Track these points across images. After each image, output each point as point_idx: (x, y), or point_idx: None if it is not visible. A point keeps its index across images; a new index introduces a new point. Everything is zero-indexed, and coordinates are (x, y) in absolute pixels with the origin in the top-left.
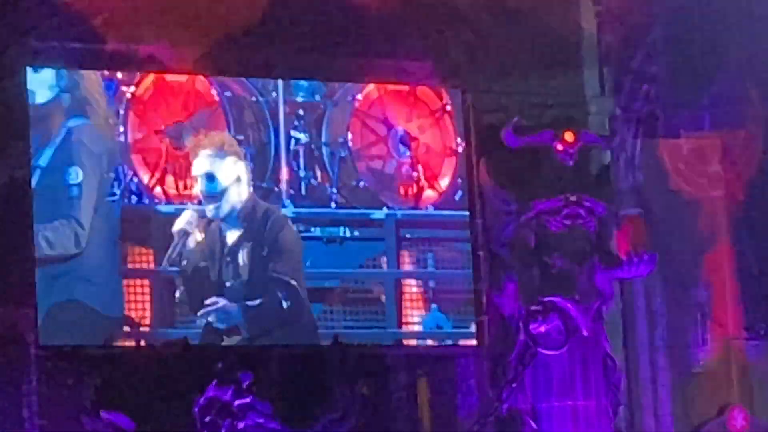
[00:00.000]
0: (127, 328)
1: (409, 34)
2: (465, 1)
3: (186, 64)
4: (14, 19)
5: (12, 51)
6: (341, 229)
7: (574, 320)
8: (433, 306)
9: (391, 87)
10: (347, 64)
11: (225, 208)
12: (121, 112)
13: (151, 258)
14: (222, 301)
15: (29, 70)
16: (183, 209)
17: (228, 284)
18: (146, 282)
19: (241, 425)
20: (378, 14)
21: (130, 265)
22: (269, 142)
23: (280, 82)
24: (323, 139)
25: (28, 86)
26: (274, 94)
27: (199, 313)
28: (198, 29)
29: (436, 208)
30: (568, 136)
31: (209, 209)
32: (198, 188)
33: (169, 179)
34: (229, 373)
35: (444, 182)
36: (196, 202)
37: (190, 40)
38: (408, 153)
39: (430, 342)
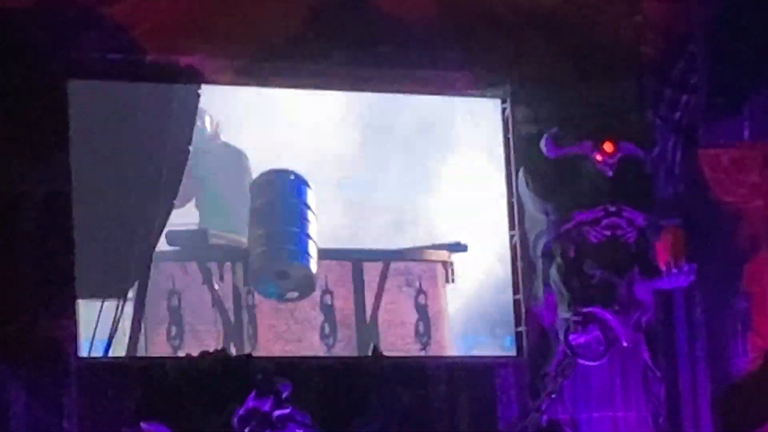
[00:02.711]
0: None
1: (448, 44)
2: (505, 12)
3: (226, 75)
4: (54, 31)
5: (53, 63)
6: None
7: (613, 331)
8: None
9: None
10: (387, 75)
11: None
12: None
13: None
14: None
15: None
16: None
17: None
18: None
19: None
20: (418, 24)
21: None
22: None
23: None
24: None
25: None
26: None
27: None
28: (238, 40)
29: None
30: (608, 147)
31: None
32: None
33: None
34: (268, 384)
35: None
36: None
37: (230, 51)
38: None
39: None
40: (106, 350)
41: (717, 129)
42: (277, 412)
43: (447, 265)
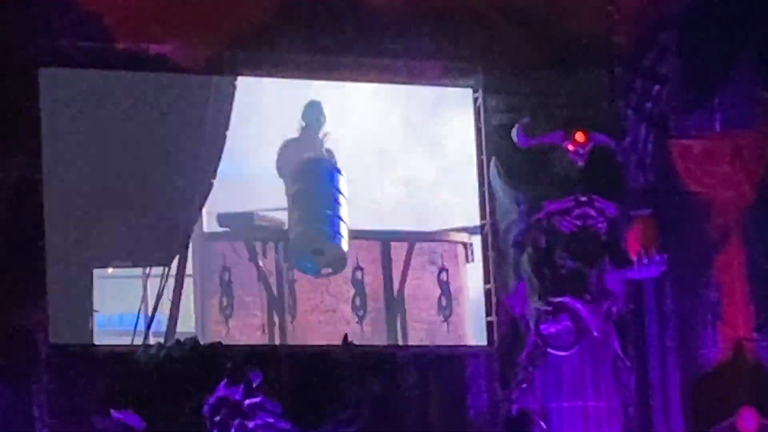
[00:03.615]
0: None
1: (420, 33)
2: (476, 1)
3: (197, 63)
4: (26, 18)
5: (24, 50)
6: None
7: (584, 321)
8: None
9: None
10: (359, 64)
11: None
12: None
13: None
14: None
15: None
16: None
17: None
18: None
19: (251, 425)
20: (389, 13)
21: None
22: None
23: None
24: None
25: None
26: None
27: None
28: (209, 28)
29: None
30: (579, 137)
31: None
32: None
33: None
34: (239, 373)
35: None
36: None
37: (201, 39)
38: None
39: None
40: (149, 322)
41: (688, 119)
42: (247, 401)
43: (467, 245)
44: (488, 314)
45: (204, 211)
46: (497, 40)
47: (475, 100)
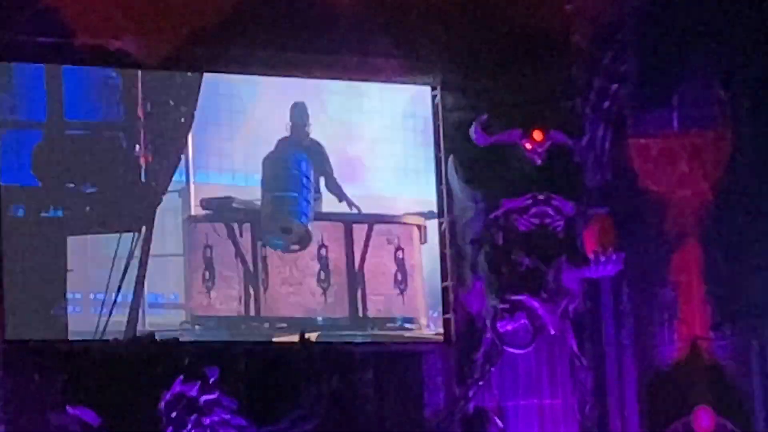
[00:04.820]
0: None
1: (379, 30)
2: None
3: (156, 58)
4: None
5: None
6: None
7: (541, 319)
8: None
9: None
10: (318, 61)
11: None
12: None
13: None
14: None
15: None
16: None
17: None
18: None
19: (207, 421)
20: (349, 11)
21: None
22: None
23: None
24: None
25: None
26: None
27: None
28: (169, 24)
29: None
30: (537, 135)
31: None
32: None
33: None
34: (195, 369)
35: None
36: None
37: (160, 35)
38: None
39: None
40: (117, 291)
41: (646, 118)
42: (203, 397)
43: (421, 228)
44: (445, 311)
45: (191, 197)
46: (455, 38)
47: (434, 97)
